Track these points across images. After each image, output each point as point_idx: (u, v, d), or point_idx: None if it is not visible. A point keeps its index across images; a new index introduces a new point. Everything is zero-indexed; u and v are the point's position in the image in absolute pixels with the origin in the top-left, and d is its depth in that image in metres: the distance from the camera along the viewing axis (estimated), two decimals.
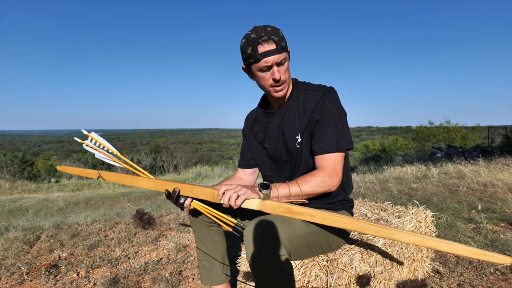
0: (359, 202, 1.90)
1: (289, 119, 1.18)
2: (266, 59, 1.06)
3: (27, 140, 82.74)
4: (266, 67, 1.08)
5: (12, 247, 2.31)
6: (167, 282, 1.71)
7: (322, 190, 1.09)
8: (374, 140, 18.13)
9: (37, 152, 41.67)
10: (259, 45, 1.05)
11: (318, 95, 1.13)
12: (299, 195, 1.06)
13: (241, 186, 1.04)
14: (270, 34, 1.05)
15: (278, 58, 1.07)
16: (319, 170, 1.10)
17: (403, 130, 43.18)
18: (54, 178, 14.09)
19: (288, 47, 1.12)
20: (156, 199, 6.22)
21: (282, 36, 1.08)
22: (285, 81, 1.12)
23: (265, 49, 1.05)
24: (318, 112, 1.11)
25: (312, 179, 1.08)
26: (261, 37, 1.05)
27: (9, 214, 5.43)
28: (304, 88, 1.18)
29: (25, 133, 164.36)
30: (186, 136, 65.78)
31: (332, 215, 0.97)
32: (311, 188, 1.07)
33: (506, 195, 3.24)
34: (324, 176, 1.08)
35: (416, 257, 1.46)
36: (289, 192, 1.05)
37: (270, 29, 1.07)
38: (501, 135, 13.74)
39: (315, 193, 1.08)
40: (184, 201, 1.13)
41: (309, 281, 1.09)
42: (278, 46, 1.06)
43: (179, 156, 16.19)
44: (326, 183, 1.08)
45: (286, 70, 1.11)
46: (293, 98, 1.19)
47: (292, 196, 1.06)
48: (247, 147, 1.36)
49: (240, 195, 1.00)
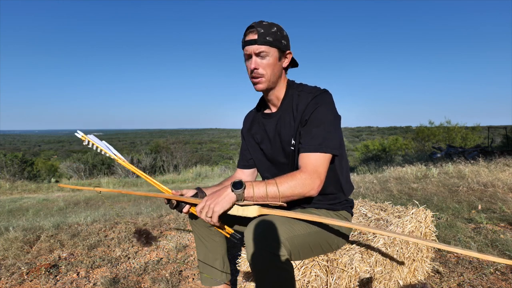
0: (359, 202, 1.90)
1: (285, 121, 1.18)
2: (246, 47, 1.11)
3: (27, 140, 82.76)
4: (247, 55, 1.13)
5: (12, 247, 2.31)
6: (167, 282, 1.71)
7: (301, 192, 1.01)
8: (374, 140, 18.13)
9: (37, 152, 41.67)
10: (246, 35, 1.11)
11: (309, 97, 1.12)
12: (277, 197, 1.00)
13: (215, 195, 1.01)
14: (258, 26, 1.08)
15: (256, 48, 1.09)
16: (300, 171, 1.04)
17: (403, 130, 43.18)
18: (54, 178, 14.09)
19: (285, 48, 1.12)
20: (156, 199, 6.22)
21: (273, 32, 1.08)
22: (263, 75, 1.12)
23: (248, 38, 1.10)
24: (308, 113, 1.10)
25: (291, 180, 1.01)
26: (249, 27, 1.10)
27: (9, 214, 5.43)
28: (299, 90, 1.17)
29: (25, 133, 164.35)
30: (186, 136, 65.79)
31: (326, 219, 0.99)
32: (289, 190, 1.00)
33: (506, 195, 3.24)
34: (304, 177, 1.01)
35: (416, 257, 1.46)
36: (265, 192, 0.99)
37: (266, 23, 1.09)
38: (501, 135, 13.74)
39: (293, 195, 1.01)
40: (182, 208, 1.17)
41: (309, 281, 1.09)
42: (260, 37, 1.07)
43: (179, 156, 16.19)
44: (305, 185, 1.01)
45: (268, 65, 1.11)
46: (288, 99, 1.19)
47: (269, 197, 1.00)
48: (245, 148, 1.37)
49: (214, 212, 0.98)
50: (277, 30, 1.10)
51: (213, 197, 1.01)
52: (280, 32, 1.11)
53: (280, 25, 1.13)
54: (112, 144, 1.28)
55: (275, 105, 1.23)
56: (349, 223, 0.98)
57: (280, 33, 1.11)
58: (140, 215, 3.34)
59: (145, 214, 3.33)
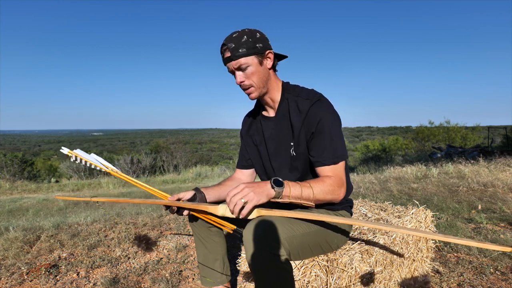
0: (359, 202, 1.90)
1: (282, 126, 1.19)
2: (227, 65, 1.13)
3: (27, 140, 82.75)
4: (231, 72, 1.15)
5: (12, 247, 2.31)
6: (167, 282, 1.72)
7: (330, 198, 1.06)
8: (374, 140, 18.14)
9: (37, 152, 41.67)
10: (222, 53, 1.13)
11: (307, 104, 1.13)
12: (310, 199, 1.02)
13: (254, 185, 0.96)
14: (229, 42, 1.09)
15: (235, 64, 1.10)
16: (329, 177, 1.08)
17: (403, 130, 43.18)
18: (54, 178, 14.09)
19: (262, 50, 1.11)
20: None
21: (244, 42, 1.07)
22: (251, 85, 1.14)
23: (224, 56, 1.12)
24: (312, 124, 1.11)
25: (323, 185, 1.05)
26: (222, 45, 1.12)
27: (9, 214, 5.43)
28: (295, 94, 1.18)
29: (25, 133, 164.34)
30: (186, 136, 65.75)
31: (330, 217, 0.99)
32: (322, 194, 1.04)
33: (506, 195, 3.25)
34: (334, 185, 1.06)
35: (416, 257, 1.46)
36: (301, 193, 1.00)
37: (235, 34, 1.09)
38: (501, 135, 13.75)
39: (324, 199, 1.05)
40: (183, 212, 1.18)
41: (309, 281, 1.09)
42: (233, 53, 1.08)
43: (179, 156, 16.19)
44: (335, 192, 1.06)
45: (252, 74, 1.12)
46: (284, 104, 1.19)
47: (303, 198, 1.01)
48: (244, 149, 1.39)
49: (250, 202, 0.94)
50: (248, 37, 1.08)
51: (252, 187, 0.96)
52: (252, 38, 1.09)
53: (252, 29, 1.11)
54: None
55: (272, 107, 1.24)
56: (350, 219, 0.98)
57: (252, 39, 1.09)
58: (140, 215, 3.34)
59: (145, 214, 3.34)
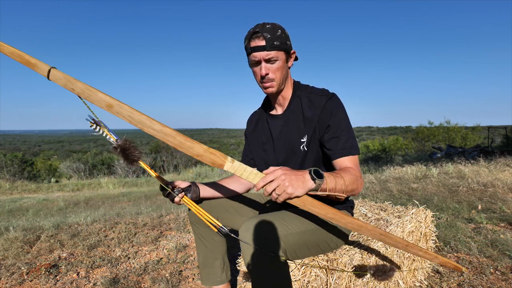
0: (359, 202, 1.90)
1: (293, 122, 1.18)
2: (254, 54, 1.08)
3: (27, 140, 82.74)
4: (255, 62, 1.11)
5: (12, 247, 2.31)
6: (167, 282, 1.72)
7: (356, 188, 1.00)
8: (374, 140, 18.14)
9: (37, 152, 41.68)
10: (252, 40, 1.08)
11: (323, 99, 1.13)
12: (343, 190, 0.96)
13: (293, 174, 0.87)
14: (264, 31, 1.06)
15: (266, 55, 1.08)
16: (351, 168, 1.04)
17: (403, 130, 43.18)
18: (54, 178, 14.09)
19: (290, 48, 1.12)
20: (156, 199, 6.22)
21: (279, 35, 1.07)
22: (274, 80, 1.12)
23: (255, 44, 1.08)
24: (327, 118, 1.11)
25: (351, 175, 0.99)
26: (254, 32, 1.07)
27: (9, 214, 5.43)
28: (308, 92, 1.18)
29: (25, 133, 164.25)
30: None
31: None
32: (352, 185, 0.98)
33: (506, 195, 3.25)
34: (357, 175, 1.02)
35: (416, 257, 1.46)
36: (335, 185, 0.94)
37: (269, 26, 1.07)
38: (501, 135, 13.75)
39: (352, 190, 0.99)
40: (174, 198, 1.13)
41: (309, 281, 1.09)
42: (268, 43, 1.06)
43: (179, 156, 16.18)
44: (359, 182, 1.01)
45: (277, 69, 1.11)
46: (295, 101, 1.19)
47: (337, 190, 0.95)
48: (248, 148, 1.37)
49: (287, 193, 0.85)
50: (282, 32, 1.09)
51: (291, 176, 0.86)
52: (285, 34, 1.10)
53: (280, 24, 1.12)
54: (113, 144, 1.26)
55: (281, 105, 1.23)
56: (355, 219, 0.96)
57: (285, 34, 1.10)
58: (140, 215, 3.34)
59: (145, 214, 3.34)
